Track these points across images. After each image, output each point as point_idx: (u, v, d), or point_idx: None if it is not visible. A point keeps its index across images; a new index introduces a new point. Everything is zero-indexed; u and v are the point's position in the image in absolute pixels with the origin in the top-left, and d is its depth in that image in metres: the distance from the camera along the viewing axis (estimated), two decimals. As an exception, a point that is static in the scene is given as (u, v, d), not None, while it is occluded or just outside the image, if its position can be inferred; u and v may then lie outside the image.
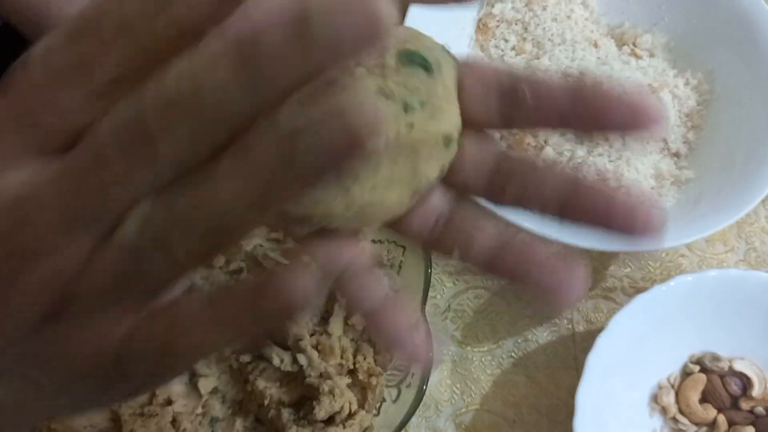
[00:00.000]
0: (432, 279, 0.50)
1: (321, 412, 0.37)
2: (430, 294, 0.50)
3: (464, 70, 0.23)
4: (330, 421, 0.38)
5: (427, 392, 0.47)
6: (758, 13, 0.50)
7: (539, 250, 0.22)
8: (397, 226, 0.23)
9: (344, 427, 0.37)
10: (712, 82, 0.52)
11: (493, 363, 0.49)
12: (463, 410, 0.48)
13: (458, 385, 0.48)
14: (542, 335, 0.50)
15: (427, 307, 0.47)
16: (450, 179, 0.23)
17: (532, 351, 0.49)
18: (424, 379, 0.38)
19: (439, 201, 0.23)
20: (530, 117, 0.22)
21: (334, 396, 0.37)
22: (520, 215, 0.29)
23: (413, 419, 0.46)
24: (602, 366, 0.43)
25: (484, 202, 0.24)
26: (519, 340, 0.50)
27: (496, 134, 0.46)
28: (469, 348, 0.49)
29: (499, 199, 0.23)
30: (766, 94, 0.48)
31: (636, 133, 0.21)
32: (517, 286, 0.26)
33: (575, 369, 0.43)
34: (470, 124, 0.22)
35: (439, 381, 0.48)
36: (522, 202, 0.23)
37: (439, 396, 0.48)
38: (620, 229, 0.21)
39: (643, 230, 0.21)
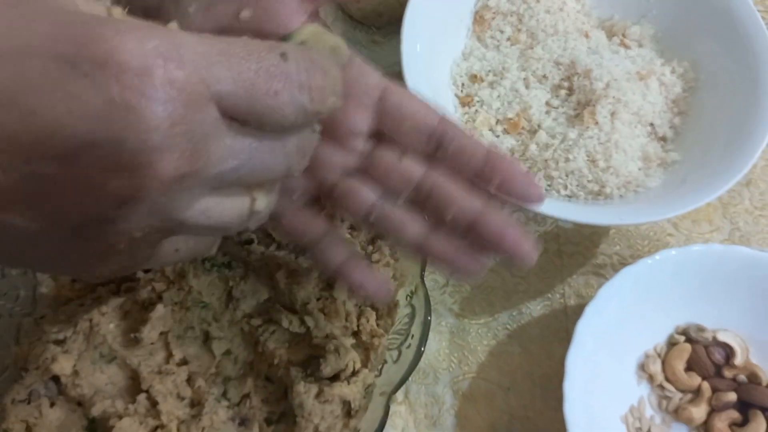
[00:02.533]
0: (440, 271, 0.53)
1: (327, 369, 0.39)
2: (430, 270, 0.52)
3: (404, 105, 0.31)
4: (335, 378, 0.40)
5: (426, 361, 0.50)
6: (740, 5, 0.52)
7: (456, 242, 0.31)
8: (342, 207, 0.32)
9: (348, 384, 0.40)
10: (697, 71, 0.55)
11: (489, 334, 0.52)
12: (461, 378, 0.50)
13: (456, 355, 0.51)
14: (536, 308, 0.52)
15: (427, 282, 0.49)
16: (395, 137, 0.31)
17: (526, 323, 0.52)
18: (423, 341, 0.41)
19: (367, 196, 0.31)
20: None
21: (339, 354, 0.40)
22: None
23: (413, 386, 0.49)
24: (591, 335, 0.46)
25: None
26: (514, 313, 0.52)
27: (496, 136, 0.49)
28: (466, 320, 0.52)
29: (433, 157, 0.31)
30: (747, 81, 0.51)
31: (521, 203, 0.30)
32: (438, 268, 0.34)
33: (567, 341, 0.45)
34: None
35: (438, 350, 0.51)
36: (451, 163, 0.31)
37: (438, 364, 0.50)
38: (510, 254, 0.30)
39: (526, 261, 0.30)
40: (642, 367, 0.49)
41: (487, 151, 0.30)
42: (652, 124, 0.53)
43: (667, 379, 0.49)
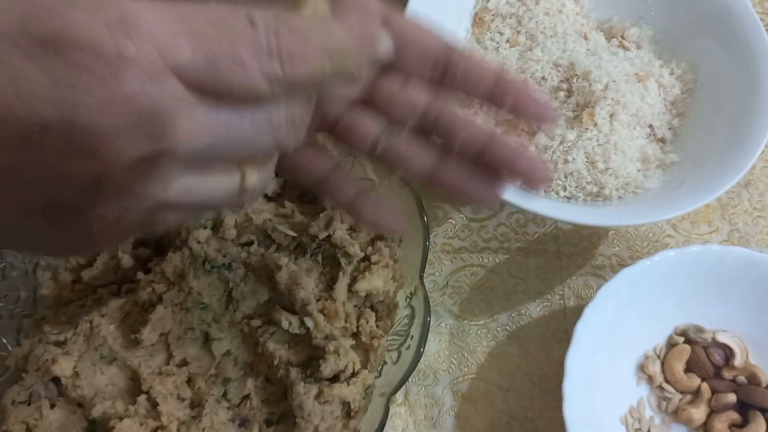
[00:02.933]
0: (431, 257, 0.53)
1: (327, 369, 0.40)
2: (430, 271, 0.53)
3: (405, 30, 0.29)
4: (335, 379, 0.40)
5: (425, 362, 0.50)
6: (739, 5, 0.53)
7: (467, 170, 0.30)
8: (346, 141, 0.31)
9: (348, 385, 0.40)
10: (695, 72, 0.55)
11: (488, 335, 0.52)
12: (460, 379, 0.50)
13: (455, 356, 0.51)
14: (535, 310, 0.53)
15: (427, 284, 0.50)
16: (399, 64, 0.29)
17: (525, 324, 0.52)
18: (422, 342, 0.41)
19: (372, 127, 0.30)
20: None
21: (339, 355, 0.40)
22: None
23: (413, 387, 0.49)
24: (590, 335, 0.46)
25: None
26: (513, 314, 0.52)
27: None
28: (465, 321, 0.52)
29: (441, 82, 0.30)
30: (745, 82, 0.51)
31: (535, 122, 0.31)
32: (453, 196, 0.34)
33: (566, 341, 0.45)
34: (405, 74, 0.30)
35: (438, 352, 0.51)
36: (460, 87, 0.30)
37: (438, 366, 0.51)
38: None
39: (539, 180, 0.30)
40: (641, 368, 0.49)
41: (497, 74, 0.29)
42: (650, 126, 0.53)
43: (667, 380, 0.49)
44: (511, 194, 0.46)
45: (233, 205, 0.24)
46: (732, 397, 0.47)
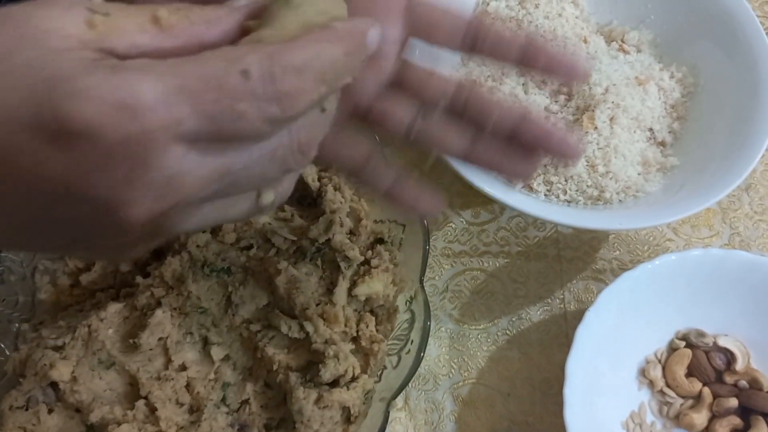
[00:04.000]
0: (431, 261, 0.53)
1: (326, 374, 0.39)
2: (430, 275, 0.53)
3: (436, 15, 0.31)
4: (335, 383, 0.40)
5: (426, 366, 0.49)
6: (739, 9, 0.53)
7: (505, 150, 0.32)
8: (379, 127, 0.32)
9: (348, 389, 0.40)
10: (695, 76, 0.55)
11: (488, 340, 0.51)
12: (461, 384, 0.50)
13: (456, 361, 0.51)
14: (535, 314, 0.52)
15: (427, 288, 0.49)
16: (423, 98, 0.32)
17: (525, 329, 0.52)
18: (422, 347, 0.41)
19: (405, 114, 0.32)
20: (490, 50, 0.31)
21: (338, 360, 0.40)
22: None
23: (413, 392, 0.49)
24: (591, 340, 0.45)
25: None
26: (513, 319, 0.52)
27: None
28: (466, 326, 0.52)
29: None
30: (746, 85, 0.51)
31: (569, 78, 0.32)
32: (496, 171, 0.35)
33: (567, 346, 0.45)
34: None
35: (438, 356, 0.51)
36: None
37: (438, 370, 0.50)
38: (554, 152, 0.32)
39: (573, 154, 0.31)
40: (642, 373, 0.49)
41: (527, 36, 0.31)
42: (651, 129, 0.53)
43: (668, 385, 0.48)
44: (512, 198, 0.46)
45: (253, 217, 0.25)
46: (733, 402, 0.47)
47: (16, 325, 0.45)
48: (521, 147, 0.31)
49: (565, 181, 0.50)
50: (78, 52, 0.20)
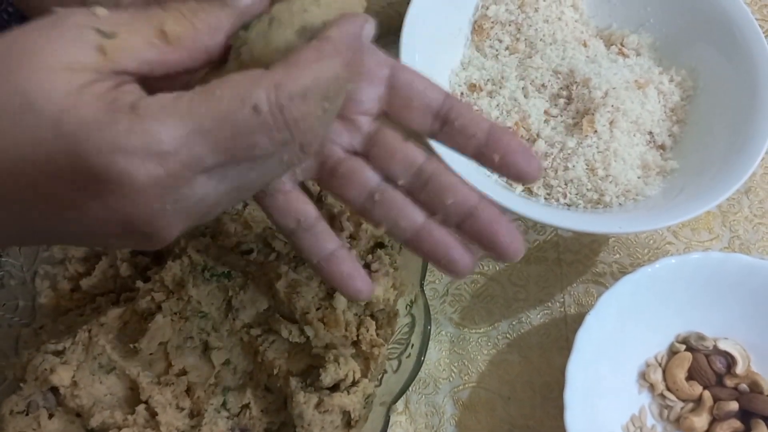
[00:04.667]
0: (431, 265, 0.53)
1: (327, 379, 0.39)
2: (430, 279, 0.53)
3: (411, 85, 0.31)
4: (335, 388, 0.40)
5: (426, 370, 0.49)
6: (738, 12, 0.53)
7: (449, 237, 0.31)
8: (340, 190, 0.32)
9: (348, 394, 0.40)
10: (695, 79, 0.55)
11: (489, 343, 0.51)
12: (461, 387, 0.50)
13: (456, 364, 0.51)
14: (535, 317, 0.52)
15: (427, 292, 0.49)
16: (383, 171, 0.31)
17: (525, 332, 0.52)
18: (423, 351, 0.41)
19: (371, 178, 0.31)
20: (454, 141, 0.31)
21: (339, 364, 0.40)
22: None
23: (413, 396, 0.49)
24: (591, 343, 0.45)
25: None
26: (513, 322, 0.52)
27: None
28: (466, 329, 0.52)
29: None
30: (745, 89, 0.51)
31: (524, 180, 0.32)
32: (429, 262, 0.33)
33: (567, 349, 0.45)
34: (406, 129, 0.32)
35: (438, 360, 0.51)
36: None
37: (438, 374, 0.50)
38: (497, 250, 0.30)
39: (512, 255, 0.30)
40: (643, 376, 0.49)
41: (490, 125, 0.30)
42: (650, 133, 0.53)
43: (668, 388, 0.48)
44: (512, 201, 0.46)
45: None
46: (734, 405, 0.47)
47: (17, 330, 0.45)
48: (468, 237, 0.30)
49: (565, 184, 0.50)
50: (95, 86, 0.22)
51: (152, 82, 0.23)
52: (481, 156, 0.31)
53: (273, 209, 0.32)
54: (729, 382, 0.48)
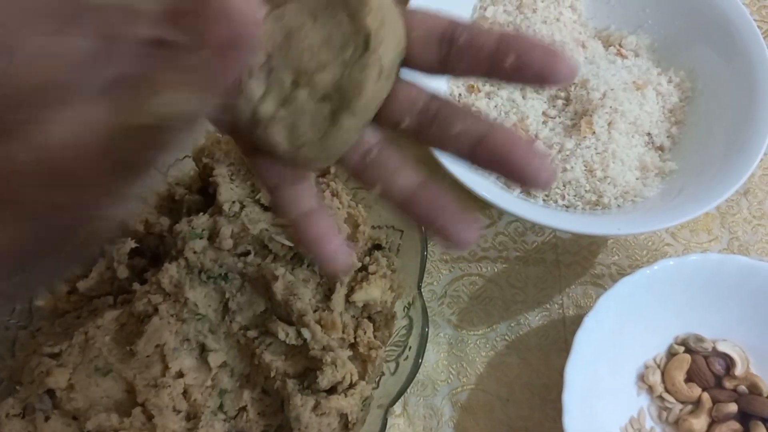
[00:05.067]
0: (429, 266, 0.53)
1: (324, 381, 0.39)
2: (428, 280, 0.52)
3: (411, 17, 0.27)
4: (332, 390, 0.40)
5: (424, 373, 0.49)
6: (736, 14, 0.53)
7: (447, 200, 0.27)
8: None
9: (346, 396, 0.40)
10: (693, 80, 0.55)
11: (487, 345, 0.51)
12: (459, 389, 0.50)
13: (454, 366, 0.51)
14: (534, 319, 0.52)
15: (425, 293, 0.49)
16: (384, 117, 0.27)
17: (524, 334, 0.52)
18: (420, 353, 0.41)
19: (369, 137, 0.28)
20: (463, 58, 0.26)
21: (336, 367, 0.39)
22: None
23: (411, 398, 0.49)
24: (590, 345, 0.45)
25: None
26: (512, 324, 0.52)
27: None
28: (464, 331, 0.52)
29: (424, 137, 0.28)
30: (744, 90, 0.51)
31: (549, 80, 0.24)
32: (424, 227, 0.28)
33: (566, 351, 0.45)
34: (412, 65, 0.27)
35: (436, 362, 0.51)
36: (442, 143, 0.27)
37: (436, 376, 0.50)
38: (517, 173, 0.25)
39: (535, 178, 0.24)
40: (642, 378, 0.49)
41: (501, 33, 0.26)
42: (649, 134, 0.53)
43: (667, 390, 0.48)
44: (510, 203, 0.46)
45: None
46: (733, 407, 0.47)
47: (14, 332, 0.45)
48: (481, 164, 0.26)
49: (564, 186, 0.50)
50: None
51: None
52: (495, 67, 0.25)
53: (260, 164, 0.29)
54: (728, 383, 0.48)
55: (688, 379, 0.48)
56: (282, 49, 0.26)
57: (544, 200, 0.51)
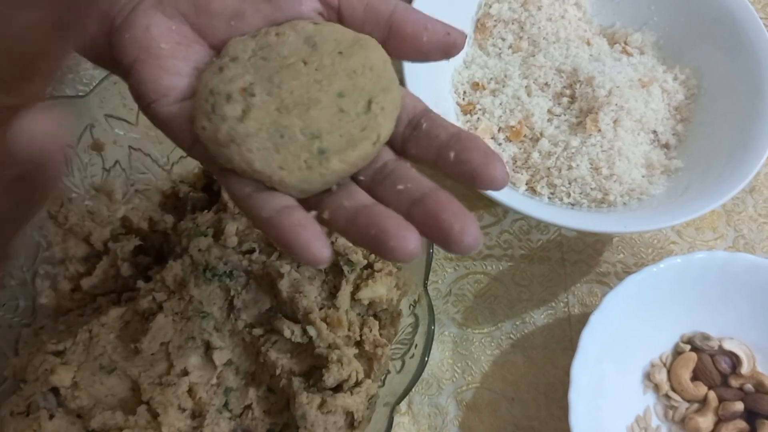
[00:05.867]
0: (434, 264, 0.53)
1: (330, 379, 0.39)
2: (433, 279, 0.52)
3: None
4: (338, 388, 0.40)
5: (429, 371, 0.49)
6: (743, 11, 0.53)
7: (391, 214, 0.26)
8: None
9: (351, 394, 0.39)
10: (699, 78, 0.54)
11: (492, 344, 0.51)
12: (464, 388, 0.50)
13: (459, 365, 0.50)
14: (539, 317, 0.52)
15: (430, 291, 0.49)
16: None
17: (529, 332, 0.51)
18: (426, 351, 0.40)
19: None
20: (419, 144, 0.28)
21: (342, 365, 0.39)
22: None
23: (417, 397, 0.48)
24: (595, 343, 0.45)
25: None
26: (517, 323, 0.52)
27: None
28: (469, 330, 0.52)
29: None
30: (750, 88, 0.51)
31: (482, 181, 0.27)
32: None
33: (571, 350, 0.44)
34: None
35: (442, 360, 0.50)
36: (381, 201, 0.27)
37: (441, 375, 0.50)
38: (440, 232, 0.25)
39: (456, 238, 0.25)
40: (648, 377, 0.49)
41: (459, 130, 0.27)
42: (654, 132, 0.53)
43: (673, 389, 0.48)
44: (515, 200, 0.46)
45: None
46: (739, 406, 0.47)
47: (17, 330, 0.45)
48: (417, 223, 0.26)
49: (569, 183, 0.50)
50: None
51: None
52: (439, 158, 0.27)
53: (231, 180, 0.28)
54: (734, 382, 0.48)
55: (695, 377, 0.48)
56: (267, 75, 0.27)
57: (549, 198, 0.51)
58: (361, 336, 0.42)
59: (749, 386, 0.47)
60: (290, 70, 0.27)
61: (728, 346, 0.48)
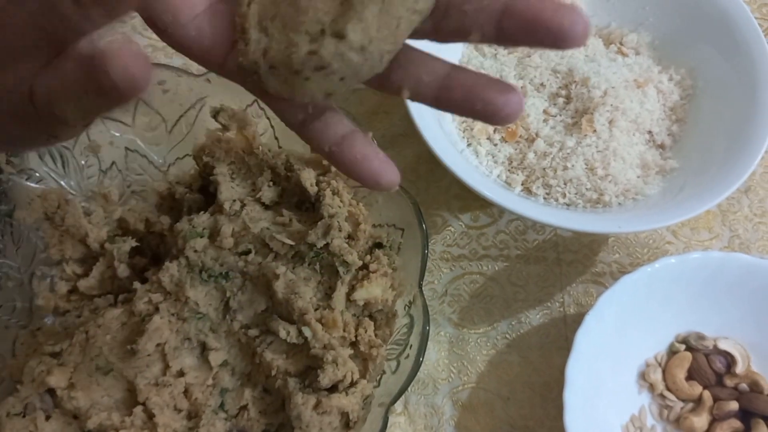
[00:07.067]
0: (430, 265, 0.53)
1: (325, 380, 0.39)
2: (429, 279, 0.52)
3: None
4: (333, 389, 0.40)
5: (425, 371, 0.49)
6: (737, 11, 0.53)
7: (484, 76, 0.26)
8: None
9: (347, 395, 0.39)
10: (694, 78, 0.55)
11: (488, 344, 0.51)
12: (460, 388, 0.50)
13: (455, 365, 0.51)
14: (535, 317, 0.52)
15: (426, 292, 0.49)
16: None
17: (525, 332, 0.52)
18: (421, 351, 0.41)
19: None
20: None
21: (337, 365, 0.39)
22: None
23: (412, 397, 0.49)
24: (591, 343, 0.45)
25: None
26: (513, 322, 0.52)
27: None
28: (465, 330, 0.52)
29: (442, 34, 0.26)
30: (745, 88, 0.51)
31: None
32: (464, 113, 0.27)
33: (566, 349, 0.45)
34: None
35: (437, 361, 0.51)
36: (462, 33, 0.25)
37: (437, 375, 0.50)
38: (548, 31, 0.23)
39: (568, 31, 0.22)
40: (643, 376, 0.49)
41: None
42: (650, 132, 0.53)
43: (668, 388, 0.48)
44: (511, 201, 0.46)
45: None
46: (734, 405, 0.47)
47: (14, 331, 0.45)
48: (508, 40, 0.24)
49: (564, 184, 0.50)
50: None
51: None
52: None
53: (281, 104, 0.28)
54: (729, 381, 0.48)
55: (689, 377, 0.48)
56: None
57: (545, 198, 0.51)
58: (356, 337, 0.42)
59: (744, 386, 0.48)
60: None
61: (723, 345, 0.48)
